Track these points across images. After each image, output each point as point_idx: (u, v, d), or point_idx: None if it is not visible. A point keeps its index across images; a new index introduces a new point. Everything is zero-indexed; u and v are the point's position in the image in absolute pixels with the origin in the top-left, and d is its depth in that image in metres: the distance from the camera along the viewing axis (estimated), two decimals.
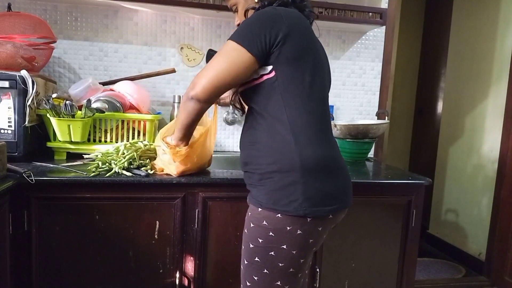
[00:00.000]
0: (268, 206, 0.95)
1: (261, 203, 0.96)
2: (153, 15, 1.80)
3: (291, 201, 0.93)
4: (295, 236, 0.94)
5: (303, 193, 0.92)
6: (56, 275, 1.25)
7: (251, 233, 0.99)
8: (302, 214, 0.92)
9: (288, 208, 0.93)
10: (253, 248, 0.99)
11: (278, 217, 0.94)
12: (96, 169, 1.26)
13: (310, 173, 0.93)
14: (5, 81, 1.31)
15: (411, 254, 1.51)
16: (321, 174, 0.95)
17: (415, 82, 3.42)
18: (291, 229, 0.94)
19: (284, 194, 0.93)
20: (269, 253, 0.96)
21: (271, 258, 0.96)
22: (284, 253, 0.96)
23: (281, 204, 0.93)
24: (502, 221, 2.33)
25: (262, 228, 0.96)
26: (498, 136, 2.39)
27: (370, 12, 1.79)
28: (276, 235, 0.95)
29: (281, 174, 0.94)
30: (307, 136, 0.96)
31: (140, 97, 1.59)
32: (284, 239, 0.95)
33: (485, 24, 2.55)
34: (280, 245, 0.95)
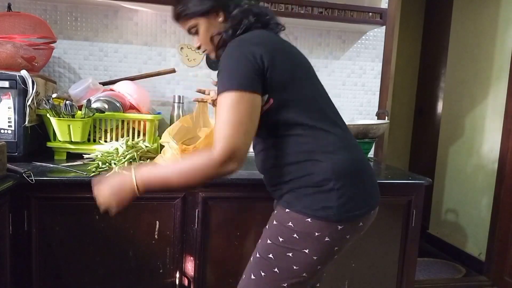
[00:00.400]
0: (298, 209, 0.92)
1: (290, 205, 0.94)
2: (153, 15, 1.80)
3: (323, 207, 0.90)
4: (322, 243, 0.92)
5: (337, 200, 0.90)
6: (56, 275, 1.25)
7: (272, 230, 0.97)
8: (335, 220, 0.90)
9: (320, 214, 0.90)
10: (270, 245, 0.96)
11: (307, 221, 0.91)
12: (96, 169, 1.26)
13: (344, 179, 0.92)
14: (5, 81, 1.31)
15: (411, 254, 1.51)
16: (353, 178, 0.94)
17: (415, 82, 3.42)
18: (319, 235, 0.91)
19: (318, 201, 0.91)
20: (287, 254, 0.93)
21: (287, 259, 0.94)
22: (303, 257, 0.93)
23: (313, 208, 0.91)
24: (502, 221, 2.33)
25: (286, 228, 0.93)
26: (498, 136, 2.39)
27: (370, 12, 1.79)
28: (301, 238, 0.92)
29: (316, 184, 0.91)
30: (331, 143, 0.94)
31: (140, 97, 1.59)
32: (309, 244, 0.92)
33: (485, 24, 2.55)
34: (302, 249, 0.92)
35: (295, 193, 0.94)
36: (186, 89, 1.87)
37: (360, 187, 0.95)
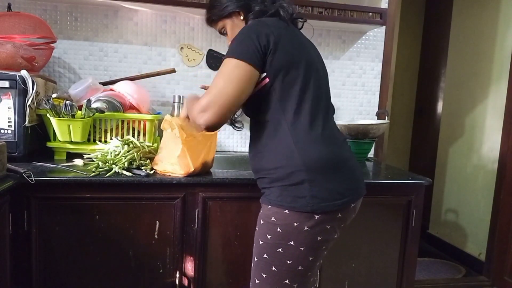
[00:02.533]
0: (277, 203, 0.98)
1: (271, 201, 0.99)
2: (153, 15, 1.80)
3: (298, 198, 0.95)
4: (302, 232, 0.96)
5: (309, 190, 0.95)
6: (56, 275, 1.25)
7: (261, 230, 1.02)
8: (309, 210, 0.94)
9: (295, 204, 0.95)
10: (262, 245, 1.01)
11: (285, 213, 0.96)
12: (96, 169, 1.26)
13: (315, 172, 0.96)
14: (5, 81, 1.31)
15: (411, 254, 1.51)
16: (326, 172, 0.98)
17: (415, 82, 3.41)
18: (298, 225, 0.95)
19: (292, 193, 0.96)
20: (277, 250, 0.98)
21: (279, 255, 0.98)
22: (291, 249, 0.97)
23: (288, 200, 0.96)
24: (502, 221, 2.33)
25: (271, 224, 0.98)
26: (498, 136, 2.39)
27: (370, 12, 1.79)
28: (283, 231, 0.97)
29: (288, 176, 0.97)
30: (308, 137, 0.98)
31: (140, 97, 1.59)
32: (291, 235, 0.96)
33: (485, 24, 2.55)
34: (287, 242, 0.96)
35: (273, 187, 0.99)
36: (186, 89, 1.87)
37: (335, 180, 0.99)
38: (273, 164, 0.99)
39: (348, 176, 1.03)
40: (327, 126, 1.05)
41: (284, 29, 1.03)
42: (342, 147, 1.06)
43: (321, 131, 1.01)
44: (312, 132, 0.99)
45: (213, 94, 0.95)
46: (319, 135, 1.00)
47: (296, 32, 1.10)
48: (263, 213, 1.03)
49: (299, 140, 0.98)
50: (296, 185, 0.96)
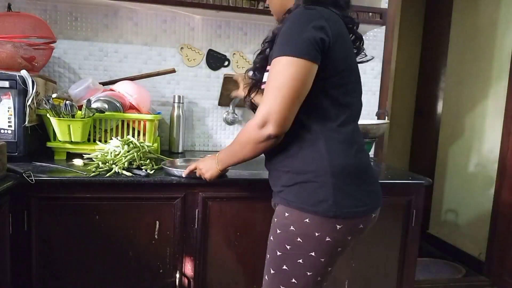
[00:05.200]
0: (297, 205, 0.92)
1: (289, 202, 0.94)
2: (153, 15, 1.80)
3: (320, 201, 0.90)
4: (324, 243, 0.92)
5: (333, 195, 0.90)
6: (56, 275, 1.25)
7: (278, 240, 0.96)
8: (332, 216, 0.90)
9: (317, 209, 0.90)
10: (280, 256, 0.95)
11: (306, 222, 0.91)
12: (96, 169, 1.26)
13: (341, 177, 0.92)
14: (5, 81, 1.31)
15: (411, 254, 1.51)
16: (352, 179, 0.94)
17: (415, 82, 3.41)
18: (319, 236, 0.91)
19: (315, 195, 0.91)
20: (297, 261, 0.93)
21: (299, 266, 0.93)
22: (312, 260, 0.92)
23: (310, 203, 0.91)
24: (502, 221, 2.33)
25: (289, 234, 0.93)
26: (498, 136, 2.39)
27: (370, 12, 1.79)
28: (304, 241, 0.92)
29: (313, 178, 0.92)
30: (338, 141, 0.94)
31: (140, 97, 1.59)
32: (312, 246, 0.92)
33: (485, 24, 2.55)
34: (308, 252, 0.92)
35: (293, 188, 0.94)
36: (186, 89, 1.87)
37: (359, 187, 0.95)
38: (299, 161, 0.94)
39: (370, 185, 0.99)
40: (357, 131, 1.01)
41: (340, 24, 0.94)
42: (367, 155, 1.02)
43: (351, 136, 0.97)
44: (342, 135, 0.95)
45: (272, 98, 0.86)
46: (349, 140, 0.96)
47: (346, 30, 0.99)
48: (280, 222, 0.96)
49: (329, 142, 0.93)
50: (319, 188, 0.91)
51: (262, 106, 0.89)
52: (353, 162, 0.95)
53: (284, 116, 0.88)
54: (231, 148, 1.04)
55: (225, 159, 1.07)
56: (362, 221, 0.96)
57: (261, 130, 0.89)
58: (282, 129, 0.89)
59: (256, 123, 0.89)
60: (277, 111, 0.87)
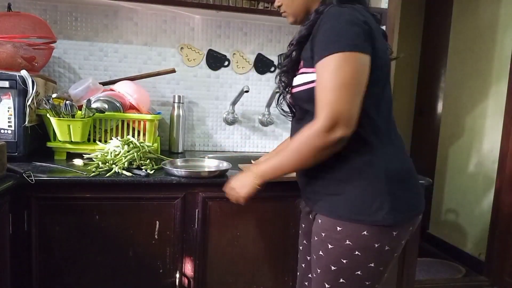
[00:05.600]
0: (351, 218, 0.87)
1: (341, 215, 0.89)
2: (153, 15, 1.80)
3: (376, 210, 0.86)
4: (383, 253, 0.89)
5: (389, 201, 0.87)
6: (56, 275, 1.25)
7: (332, 255, 0.91)
8: (391, 223, 0.87)
9: (374, 218, 0.86)
10: (335, 271, 0.91)
11: (364, 235, 0.87)
12: (96, 169, 1.26)
13: (395, 182, 0.90)
14: (5, 81, 1.30)
15: (411, 254, 1.51)
16: (404, 183, 0.93)
17: (415, 82, 3.41)
18: (379, 246, 0.88)
19: (369, 202, 0.87)
20: (356, 273, 0.90)
21: (358, 278, 0.90)
22: (371, 271, 0.90)
23: (366, 214, 0.86)
24: (502, 221, 2.33)
25: (345, 248, 0.89)
26: (498, 136, 2.39)
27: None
28: (363, 254, 0.88)
29: (365, 183, 0.88)
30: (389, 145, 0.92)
31: (140, 97, 1.59)
32: (372, 257, 0.89)
33: (485, 24, 2.55)
34: (367, 264, 0.90)
35: (343, 197, 0.89)
36: (186, 89, 1.87)
37: (410, 191, 0.94)
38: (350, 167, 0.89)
39: (418, 187, 0.98)
40: (398, 133, 0.99)
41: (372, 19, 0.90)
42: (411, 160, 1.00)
43: (398, 139, 0.96)
44: (392, 139, 0.94)
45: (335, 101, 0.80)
46: (398, 143, 0.95)
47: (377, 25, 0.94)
48: (332, 236, 0.90)
49: (382, 147, 0.90)
50: (375, 195, 0.87)
51: (326, 109, 0.81)
52: (404, 166, 0.94)
53: (353, 114, 0.82)
54: (280, 160, 0.93)
55: (270, 172, 0.96)
56: (412, 224, 0.95)
57: (330, 134, 0.82)
58: (352, 129, 0.83)
59: (323, 128, 0.82)
60: (346, 110, 0.81)
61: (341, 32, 0.82)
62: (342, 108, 0.81)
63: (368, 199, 0.87)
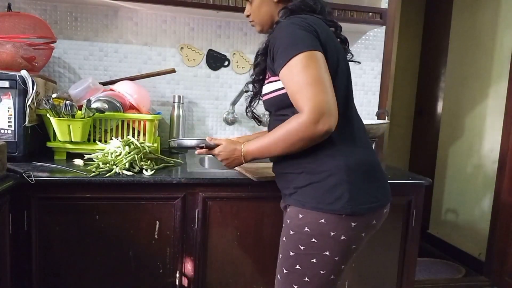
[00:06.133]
0: (312, 206, 0.93)
1: (304, 203, 0.95)
2: (153, 15, 1.80)
3: (336, 199, 0.91)
4: (339, 242, 0.93)
5: (348, 191, 0.92)
6: (56, 275, 1.25)
7: (292, 241, 0.97)
8: (349, 212, 0.91)
9: (334, 207, 0.91)
10: (294, 256, 0.97)
11: (321, 222, 0.92)
12: (96, 169, 1.26)
13: (355, 174, 0.94)
14: (5, 81, 1.30)
15: (411, 254, 1.51)
16: (365, 175, 0.96)
17: (415, 82, 3.41)
18: (335, 235, 0.92)
19: (330, 193, 0.92)
20: (311, 260, 0.94)
21: (313, 265, 0.95)
22: (326, 259, 0.94)
23: (326, 202, 0.92)
24: (502, 221, 2.33)
25: (304, 234, 0.94)
26: (498, 136, 2.39)
27: (370, 12, 1.79)
28: (319, 241, 0.93)
29: (328, 177, 0.93)
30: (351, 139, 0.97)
31: (140, 97, 1.59)
32: (328, 245, 0.93)
33: (485, 24, 2.55)
34: (323, 252, 0.94)
35: (307, 188, 0.95)
36: (186, 89, 1.87)
37: (372, 183, 0.98)
38: (313, 162, 0.95)
39: (381, 180, 1.02)
40: (364, 129, 1.05)
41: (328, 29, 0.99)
42: (375, 152, 1.06)
43: (361, 133, 1.01)
44: (354, 134, 0.99)
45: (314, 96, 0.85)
46: (360, 138, 1.00)
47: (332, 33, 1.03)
48: (294, 223, 0.97)
49: (343, 141, 0.95)
50: (335, 186, 0.92)
51: (308, 103, 0.86)
52: (366, 159, 0.98)
53: (333, 105, 0.87)
54: (267, 144, 0.98)
55: (257, 153, 1.02)
56: (375, 217, 0.98)
57: (317, 126, 0.86)
58: (336, 118, 0.88)
59: (311, 120, 0.86)
60: (327, 101, 0.86)
61: (297, 36, 0.90)
62: (325, 100, 0.86)
63: (329, 189, 0.92)
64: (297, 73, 0.87)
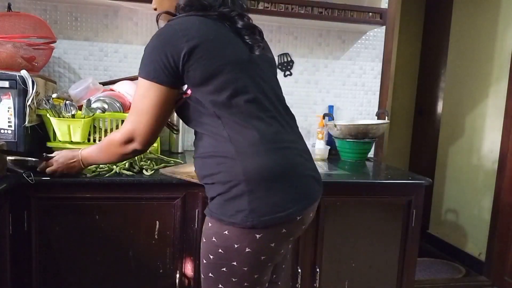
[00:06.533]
0: (217, 217, 0.91)
1: (212, 213, 0.93)
2: (153, 15, 1.79)
3: (237, 211, 0.88)
4: (243, 254, 0.90)
5: (249, 204, 0.87)
6: (56, 275, 1.25)
7: (204, 249, 0.97)
8: (250, 226, 0.87)
9: (235, 220, 0.88)
10: (205, 264, 0.96)
11: (225, 234, 0.90)
12: (96, 169, 1.26)
13: (255, 183, 0.88)
14: (5, 81, 1.30)
15: (411, 254, 1.51)
16: (267, 183, 0.88)
17: (415, 82, 3.41)
18: (238, 247, 0.89)
19: (232, 206, 0.89)
20: (221, 269, 0.93)
21: (224, 274, 0.93)
22: (235, 269, 0.92)
23: (228, 214, 0.89)
24: (502, 221, 2.33)
25: (212, 244, 0.93)
26: (498, 136, 2.39)
27: (370, 12, 1.79)
28: (225, 252, 0.91)
29: (229, 188, 0.89)
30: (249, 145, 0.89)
31: None
32: (234, 257, 0.91)
33: (485, 24, 2.55)
34: (230, 262, 0.91)
35: (216, 199, 0.93)
36: None
37: (278, 191, 0.89)
38: (214, 174, 0.92)
39: (294, 185, 0.92)
40: (275, 128, 0.94)
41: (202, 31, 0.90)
42: (292, 151, 0.95)
43: (265, 136, 0.91)
44: (254, 138, 0.89)
45: (134, 122, 0.93)
46: (263, 141, 0.90)
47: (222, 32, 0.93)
48: (205, 231, 0.96)
49: (240, 149, 0.89)
50: (236, 198, 0.88)
51: (126, 124, 0.95)
52: (267, 164, 0.89)
53: (148, 137, 0.95)
54: (96, 153, 1.08)
55: (91, 160, 1.11)
56: (284, 226, 0.91)
57: (126, 146, 0.96)
58: (148, 146, 0.97)
59: (120, 140, 0.96)
60: (142, 133, 0.94)
61: (148, 59, 0.91)
62: (140, 131, 0.93)
63: (231, 200, 0.89)
64: (136, 93, 0.94)
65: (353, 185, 1.44)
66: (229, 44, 0.93)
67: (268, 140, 0.91)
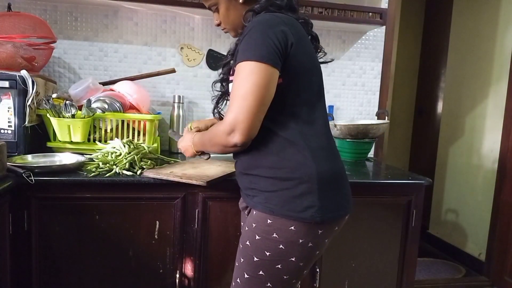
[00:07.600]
0: (283, 213, 0.91)
1: (273, 210, 0.92)
2: (153, 15, 1.80)
3: (307, 207, 0.91)
4: (305, 249, 0.93)
5: (319, 200, 0.91)
6: (56, 275, 1.25)
7: (257, 246, 0.95)
8: (319, 221, 0.91)
9: (304, 215, 0.90)
10: (257, 262, 0.95)
11: (291, 229, 0.91)
12: (96, 169, 1.26)
13: (325, 182, 0.93)
14: (5, 81, 1.31)
15: (411, 254, 1.51)
16: (333, 183, 0.96)
17: (415, 82, 3.42)
18: (303, 242, 0.92)
19: (301, 201, 0.91)
20: (276, 266, 0.94)
21: (277, 271, 0.94)
22: (291, 265, 0.94)
23: (296, 210, 0.91)
24: (502, 221, 2.33)
25: (272, 241, 0.93)
26: (498, 136, 2.39)
27: (370, 12, 1.79)
28: (286, 247, 0.93)
29: (298, 183, 0.91)
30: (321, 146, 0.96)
31: (140, 97, 1.59)
32: (295, 252, 0.93)
33: (485, 24, 2.55)
34: (289, 258, 0.93)
35: (277, 194, 0.93)
36: (186, 89, 1.87)
37: (339, 191, 0.98)
38: (284, 167, 0.92)
39: (347, 188, 1.02)
40: (332, 137, 1.04)
41: (300, 28, 0.96)
42: (342, 162, 1.05)
43: (330, 141, 1.01)
44: (324, 141, 0.98)
45: (236, 105, 0.87)
46: (330, 145, 1.00)
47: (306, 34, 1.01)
48: (260, 228, 0.94)
49: (313, 148, 0.93)
50: (304, 194, 0.91)
51: (228, 114, 0.89)
52: (334, 166, 0.98)
53: (249, 125, 0.87)
54: (204, 139, 1.05)
55: (199, 145, 1.09)
56: (338, 224, 0.99)
57: (228, 137, 0.89)
58: (249, 138, 0.89)
59: (224, 130, 0.89)
60: (243, 119, 0.87)
61: (256, 42, 0.88)
62: (241, 118, 0.87)
63: (300, 197, 0.91)
64: (238, 79, 0.88)
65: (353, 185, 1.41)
66: (312, 49, 1.01)
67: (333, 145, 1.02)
